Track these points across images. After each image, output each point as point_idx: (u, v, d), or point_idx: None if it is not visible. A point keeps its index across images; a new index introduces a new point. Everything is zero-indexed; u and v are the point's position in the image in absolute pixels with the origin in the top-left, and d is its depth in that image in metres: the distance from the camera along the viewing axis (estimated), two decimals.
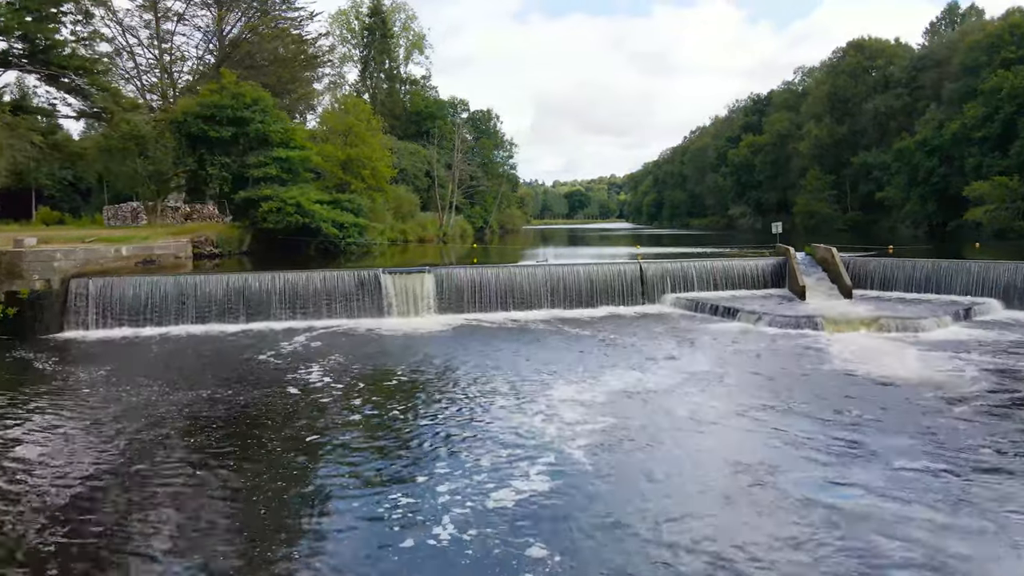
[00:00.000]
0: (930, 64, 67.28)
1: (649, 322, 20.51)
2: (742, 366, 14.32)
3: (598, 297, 23.35)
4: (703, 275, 24.47)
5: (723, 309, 20.95)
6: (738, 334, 18.19)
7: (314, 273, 21.46)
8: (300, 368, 14.57)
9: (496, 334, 19.03)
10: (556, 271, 23.27)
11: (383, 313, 21.51)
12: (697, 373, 13.60)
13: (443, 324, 20.59)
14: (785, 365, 14.44)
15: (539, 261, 25.46)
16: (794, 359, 14.98)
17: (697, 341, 17.18)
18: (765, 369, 14.11)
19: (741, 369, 14.04)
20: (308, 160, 34.19)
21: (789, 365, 14.42)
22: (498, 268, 23.11)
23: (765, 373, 13.67)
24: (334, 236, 32.56)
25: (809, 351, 15.83)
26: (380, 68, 77.03)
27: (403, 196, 50.73)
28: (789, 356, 15.32)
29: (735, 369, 14.01)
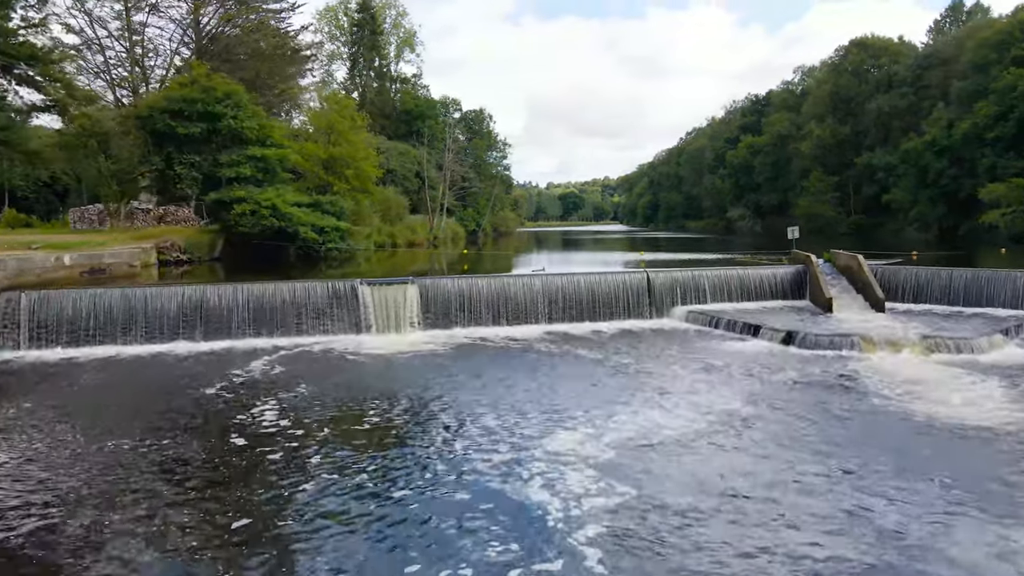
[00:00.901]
0: (936, 62, 65.35)
1: (659, 340, 18.18)
2: (777, 403, 11.98)
3: (601, 310, 21.03)
4: (716, 285, 22.16)
5: (743, 325, 18.64)
6: (763, 356, 15.88)
7: (282, 284, 19.05)
8: (253, 405, 12.15)
9: (487, 355, 16.67)
10: (554, 281, 20.93)
11: (360, 329, 19.12)
12: (724, 414, 11.25)
13: (428, 342, 18.23)
14: (828, 401, 12.11)
15: (535, 270, 23.14)
16: (837, 393, 12.66)
17: (717, 366, 14.85)
18: (805, 407, 11.78)
19: (776, 408, 11.70)
20: (286, 159, 31.77)
21: (833, 401, 12.09)
22: (490, 278, 20.74)
23: (807, 414, 11.33)
24: (313, 241, 30.16)
25: (852, 380, 13.52)
26: (369, 66, 74.66)
27: (391, 198, 48.35)
28: (830, 388, 12.99)
29: (769, 408, 11.66)
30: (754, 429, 10.45)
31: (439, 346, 17.75)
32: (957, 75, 59.00)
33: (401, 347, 17.67)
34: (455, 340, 18.50)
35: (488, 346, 17.78)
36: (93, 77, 38.67)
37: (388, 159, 54.48)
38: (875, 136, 69.51)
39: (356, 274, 28.69)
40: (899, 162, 60.28)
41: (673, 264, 28.84)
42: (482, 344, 18.00)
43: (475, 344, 18.01)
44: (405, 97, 74.59)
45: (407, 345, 17.91)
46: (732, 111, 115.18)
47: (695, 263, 28.46)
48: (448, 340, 18.49)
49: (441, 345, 17.84)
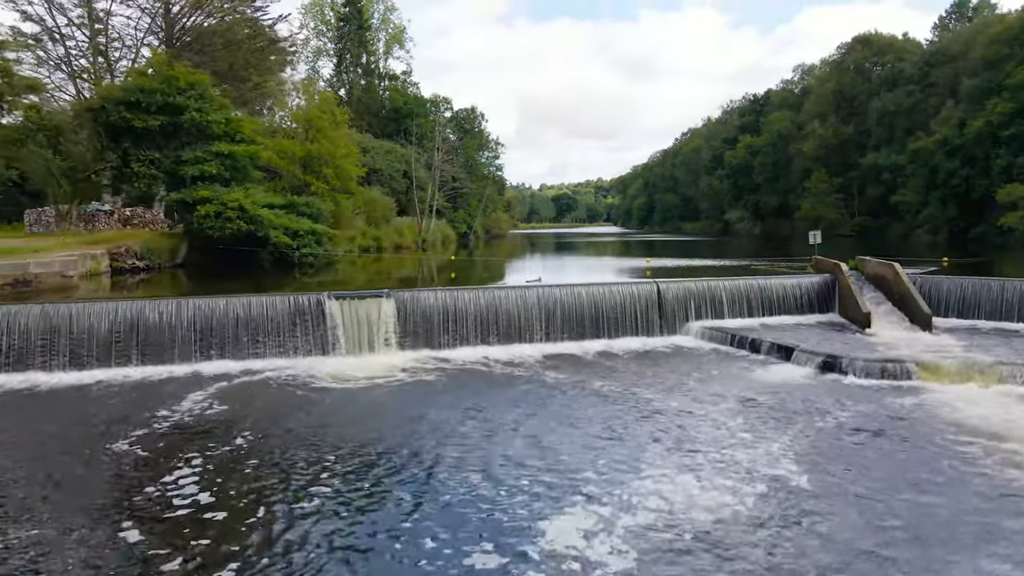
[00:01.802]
0: (943, 59, 63.18)
1: (674, 363, 15.59)
2: (834, 462, 9.35)
3: (605, 326, 18.43)
4: (734, 297, 19.58)
5: (770, 346, 16.06)
6: (801, 387, 13.31)
7: (235, 299, 16.34)
8: (169, 469, 9.46)
9: (472, 384, 14.04)
10: (552, 294, 18.31)
11: (327, 350, 16.46)
12: (771, 481, 8.62)
13: (405, 366, 15.59)
14: (898, 458, 9.52)
15: (530, 281, 20.51)
16: (906, 444, 10.07)
17: (749, 403, 12.24)
18: (872, 463, 9.20)
19: (835, 470, 9.06)
20: (257, 156, 29.06)
21: (904, 456, 9.51)
22: (478, 290, 18.09)
23: (877, 482, 8.72)
24: (285, 246, 27.44)
25: (919, 422, 10.95)
26: (356, 62, 71.97)
27: (377, 199, 45.65)
28: (895, 436, 10.40)
29: (826, 471, 9.02)
30: (814, 508, 7.82)
31: (417, 372, 15.10)
32: (967, 72, 56.84)
33: (373, 372, 15.02)
34: (436, 364, 15.86)
35: (475, 372, 15.14)
36: (53, 68, 35.89)
37: (374, 158, 51.80)
38: (880, 135, 67.28)
39: (334, 283, 26.08)
40: (907, 162, 58.03)
41: (683, 272, 26.27)
42: (468, 369, 15.36)
43: (460, 369, 15.37)
44: (394, 95, 71.87)
45: (380, 370, 15.26)
46: (729, 111, 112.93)
47: (707, 271, 25.90)
48: (428, 364, 15.85)
49: (419, 370, 15.19)
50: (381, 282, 26.15)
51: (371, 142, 54.47)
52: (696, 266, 28.53)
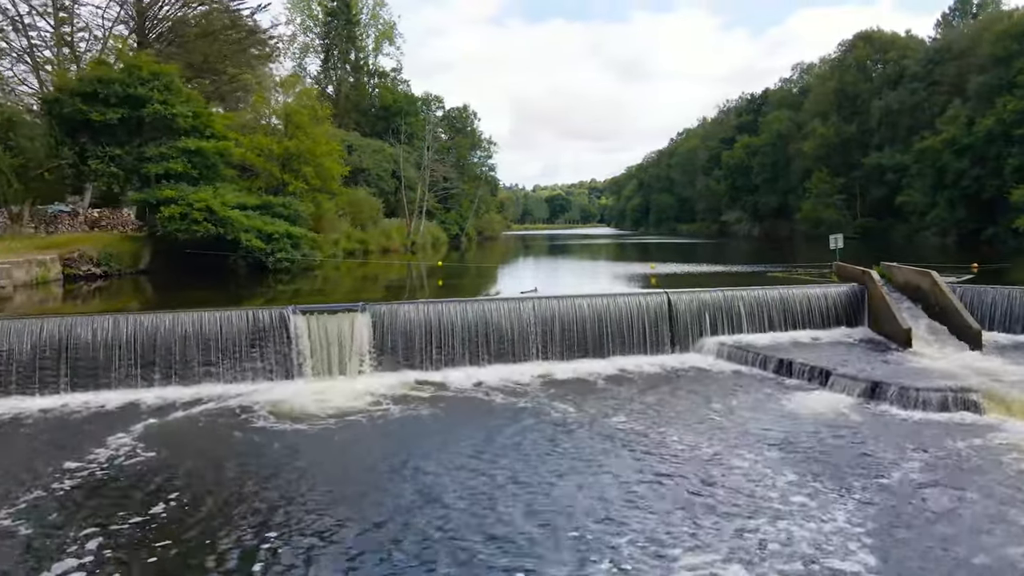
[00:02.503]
0: (948, 57, 61.31)
1: (693, 390, 13.47)
2: (921, 535, 7.27)
3: (609, 343, 16.31)
4: (753, 309, 17.48)
5: (803, 369, 13.96)
6: (847, 423, 11.23)
7: (185, 315, 14.13)
8: (67, 538, 7.27)
9: (462, 419, 11.88)
10: (550, 306, 16.17)
11: (291, 373, 14.28)
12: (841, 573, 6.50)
13: (381, 393, 13.43)
14: (992, 526, 7.43)
15: (525, 292, 18.35)
16: (1007, 506, 7.97)
17: (791, 446, 10.14)
18: (968, 543, 7.11)
19: (922, 545, 7.00)
20: (228, 153, 26.80)
21: (1003, 535, 7.41)
22: (466, 303, 15.92)
23: (984, 564, 6.62)
24: (258, 250, 25.20)
25: (1009, 477, 8.85)
26: (344, 59, 69.63)
27: (362, 200, 43.42)
28: (981, 493, 8.31)
29: (913, 545, 6.96)
30: None
31: (395, 402, 12.93)
32: (973, 69, 54.94)
33: (343, 402, 12.85)
34: (418, 390, 13.70)
35: (464, 401, 12.98)
36: (16, 60, 33.53)
37: (361, 157, 49.57)
38: (883, 135, 65.35)
39: (311, 291, 23.90)
40: (913, 162, 56.08)
41: (692, 280, 24.14)
42: (456, 398, 13.20)
43: (446, 397, 13.21)
44: (383, 92, 69.51)
45: (351, 398, 13.09)
46: (726, 110, 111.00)
47: (719, 279, 23.74)
48: (409, 390, 13.69)
49: (398, 399, 13.03)
50: (364, 290, 24.01)
51: (358, 140, 52.24)
52: (705, 272, 26.40)
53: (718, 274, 25.40)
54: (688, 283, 22.30)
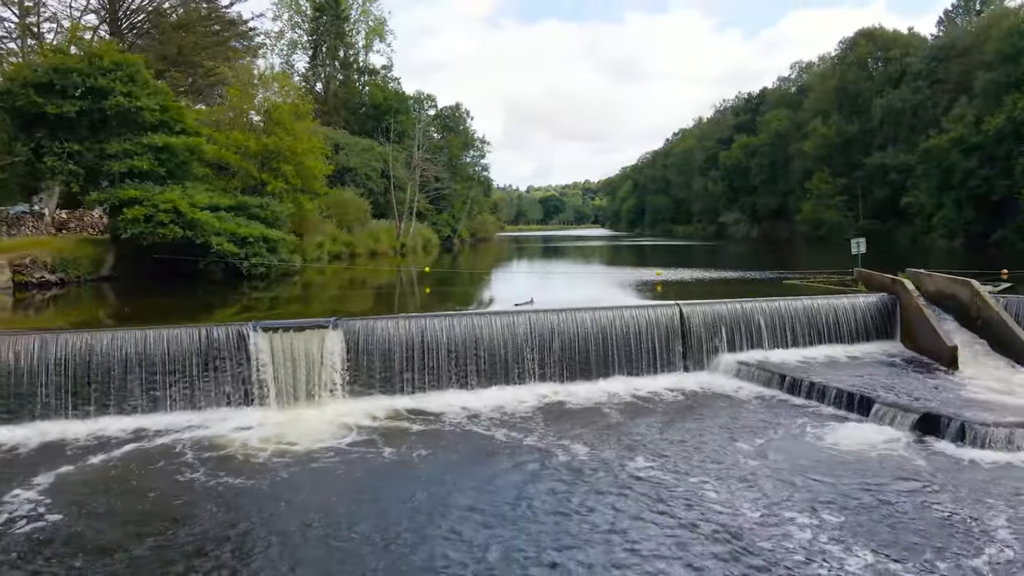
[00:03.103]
0: (953, 54, 59.88)
1: (712, 419, 11.66)
2: None
3: (615, 361, 14.48)
4: (774, 322, 15.68)
5: (841, 395, 12.14)
6: (899, 464, 9.47)
7: (126, 333, 12.21)
8: None
9: (451, 458, 10.02)
10: (548, 320, 14.32)
11: (251, 399, 12.39)
12: None
13: (354, 423, 11.57)
14: None
15: (520, 303, 16.46)
16: None
17: (841, 498, 8.32)
18: None
19: None
20: (199, 149, 24.83)
21: None
22: (452, 317, 14.04)
23: None
24: (231, 255, 23.25)
25: None
26: (333, 55, 67.66)
27: (349, 200, 41.45)
28: None
29: None
30: None
31: (371, 434, 11.08)
32: (980, 67, 53.48)
33: (309, 436, 10.99)
34: (398, 420, 11.85)
35: (452, 435, 11.11)
36: None
37: (348, 156, 47.62)
38: (886, 134, 63.87)
39: (288, 299, 22.03)
40: (918, 162, 54.55)
41: (700, 287, 22.31)
42: (441, 430, 11.32)
43: (430, 430, 11.34)
44: (373, 90, 67.53)
45: (319, 431, 11.24)
46: (722, 110, 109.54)
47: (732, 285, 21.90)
48: (387, 420, 11.84)
49: (374, 432, 11.18)
50: (344, 297, 22.12)
51: (346, 139, 50.28)
52: (714, 279, 24.52)
53: (729, 281, 23.57)
54: (698, 292, 20.51)
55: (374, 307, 19.93)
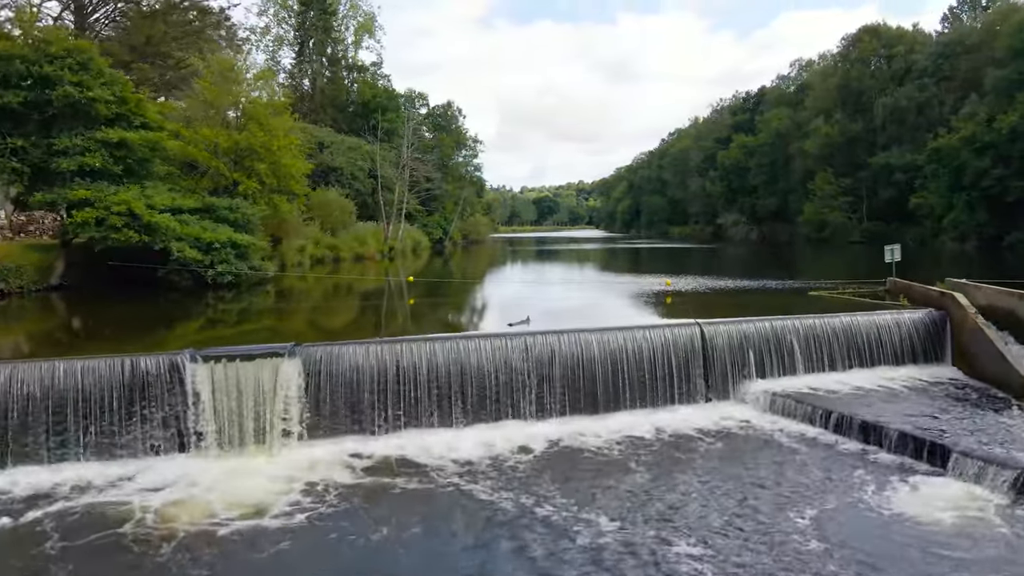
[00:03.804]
0: (960, 51, 58.04)
1: (745, 468, 9.54)
2: None
3: (626, 392, 12.34)
4: (809, 342, 13.56)
5: (904, 441, 9.98)
6: (1005, 542, 7.27)
7: (27, 365, 9.95)
8: None
9: (435, 526, 7.84)
10: (546, 344, 12.14)
11: (185, 446, 10.20)
12: None
13: (307, 478, 9.44)
14: None
15: (515, 323, 14.21)
16: None
17: None
18: None
19: None
20: (161, 146, 22.55)
21: None
22: (434, 342, 11.81)
23: None
24: (194, 262, 20.98)
25: None
26: (320, 51, 65.33)
27: (333, 201, 39.19)
28: None
29: None
30: None
31: (327, 492, 8.95)
32: (989, 64, 51.68)
33: (254, 494, 8.85)
34: (367, 472, 9.66)
35: (428, 494, 8.92)
36: None
37: (333, 155, 45.35)
38: (890, 133, 61.97)
39: (260, 312, 19.91)
40: (927, 162, 52.61)
41: (716, 299, 20.08)
42: (416, 490, 9.13)
43: (402, 488, 9.14)
44: (362, 87, 65.21)
45: (267, 488, 9.09)
46: (719, 109, 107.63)
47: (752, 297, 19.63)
48: (350, 471, 9.68)
49: (338, 489, 9.06)
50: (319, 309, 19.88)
51: (331, 136, 47.99)
52: (728, 288, 22.26)
53: (746, 291, 21.29)
54: (714, 305, 18.32)
55: (349, 322, 17.72)
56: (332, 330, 16.01)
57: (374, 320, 17.85)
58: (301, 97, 67.13)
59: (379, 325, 16.58)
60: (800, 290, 20.03)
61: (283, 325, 16.77)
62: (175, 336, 14.64)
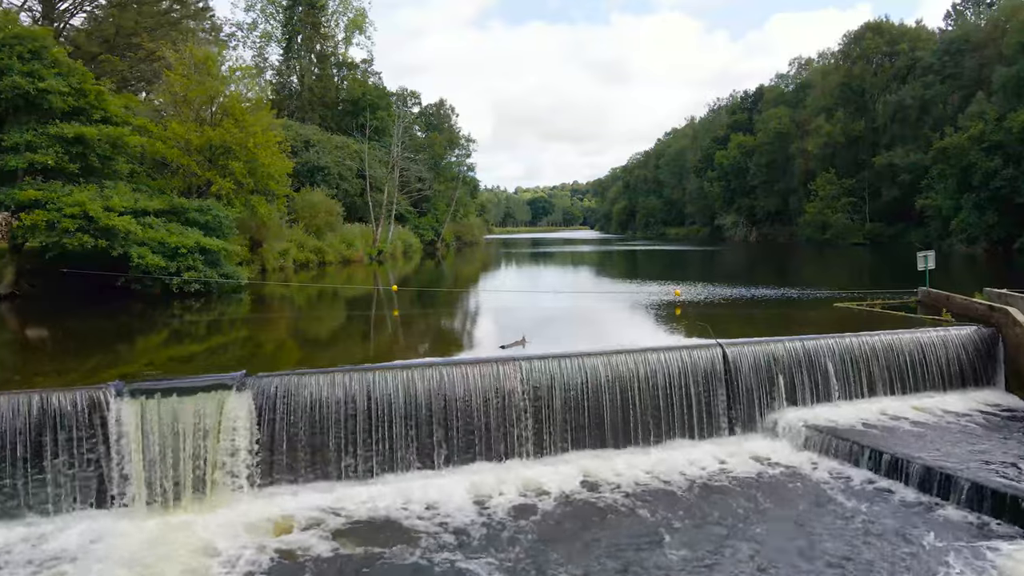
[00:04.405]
0: (967, 48, 56.57)
1: (786, 526, 7.80)
2: None
3: (638, 424, 10.62)
4: (846, 363, 11.84)
5: (982, 494, 8.26)
6: None
7: None
8: None
9: None
10: (545, 370, 10.38)
11: (107, 501, 8.43)
12: None
13: (260, 539, 7.65)
14: None
15: (508, 344, 12.38)
16: None
17: None
18: None
19: None
20: (123, 142, 20.68)
21: None
22: (411, 369, 10.01)
23: None
24: (157, 269, 19.14)
25: None
26: (309, 47, 63.47)
27: (318, 203, 37.36)
28: None
29: None
30: None
31: (286, 560, 7.12)
32: (997, 61, 50.19)
33: (186, 567, 7.02)
34: (324, 537, 7.87)
35: (403, 570, 7.13)
36: None
37: (319, 154, 43.51)
38: (894, 132, 60.46)
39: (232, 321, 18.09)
40: (933, 161, 51.05)
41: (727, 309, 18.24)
42: (391, 563, 7.33)
43: (383, 555, 7.36)
44: (352, 84, 63.36)
45: (203, 562, 7.25)
46: (716, 109, 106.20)
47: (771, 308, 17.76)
48: (311, 532, 7.88)
49: (293, 554, 7.25)
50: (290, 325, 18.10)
51: (317, 134, 46.17)
52: (742, 299, 20.34)
53: (762, 302, 19.31)
54: (729, 319, 16.55)
55: (323, 338, 15.90)
56: (305, 348, 14.19)
57: (352, 337, 16.02)
58: (290, 95, 65.42)
59: (357, 344, 14.78)
60: (821, 300, 18.28)
61: (247, 342, 14.93)
62: (120, 357, 12.80)
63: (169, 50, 25.66)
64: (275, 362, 11.36)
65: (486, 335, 14.56)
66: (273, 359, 12.79)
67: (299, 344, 14.46)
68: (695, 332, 13.36)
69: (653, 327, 15.74)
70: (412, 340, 14.75)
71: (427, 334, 15.75)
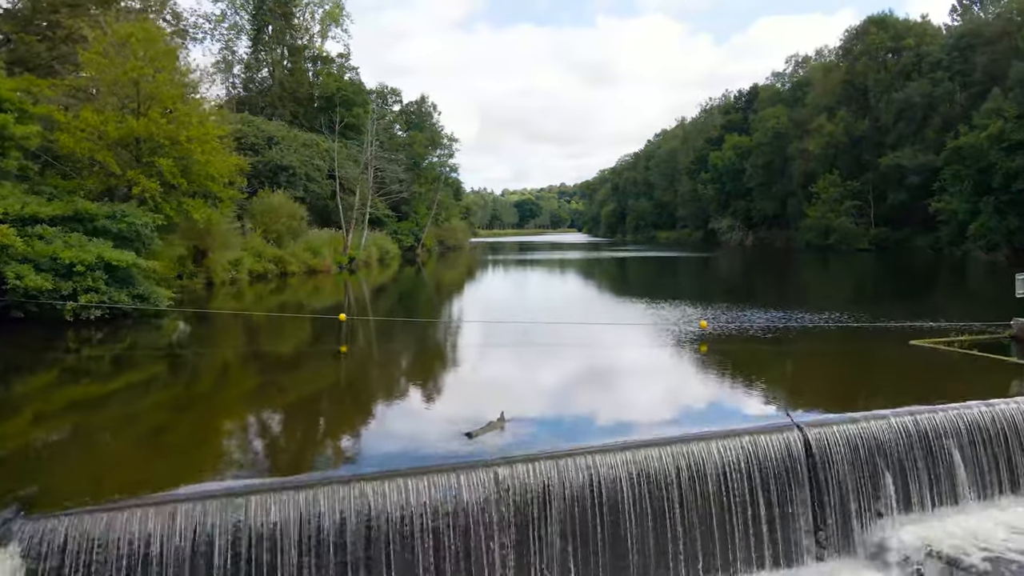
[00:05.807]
0: (978, 42, 53.41)
1: None
2: None
3: (676, 546, 6.77)
4: (977, 448, 8.09)
5: None
6: None
7: None
8: None
9: None
10: (537, 476, 6.54)
11: None
12: None
13: None
14: None
15: (479, 430, 8.19)
16: None
17: None
18: None
19: None
20: (8, 132, 16.68)
21: None
22: (314, 488, 6.10)
23: None
24: (39, 291, 15.14)
25: None
26: (279, 39, 59.40)
27: (278, 206, 33.37)
28: None
29: None
30: None
31: None
32: (1013, 55, 47.02)
33: None
34: None
35: None
36: None
37: (284, 152, 39.50)
38: (900, 131, 57.21)
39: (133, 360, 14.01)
40: (945, 162, 47.79)
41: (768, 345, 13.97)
42: None
43: None
44: (326, 79, 59.29)
45: None
46: (708, 109, 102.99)
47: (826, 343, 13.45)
48: None
49: None
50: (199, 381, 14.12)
51: (282, 131, 42.13)
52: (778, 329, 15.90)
53: (811, 335, 14.92)
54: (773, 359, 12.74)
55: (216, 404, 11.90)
56: (169, 432, 10.17)
57: (261, 401, 11.62)
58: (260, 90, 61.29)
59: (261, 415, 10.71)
60: (888, 331, 14.41)
61: (96, 407, 10.89)
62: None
63: (87, 25, 21.61)
64: (100, 465, 6.86)
65: (448, 405, 9.98)
66: (101, 459, 7.62)
67: (172, 414, 10.07)
68: (747, 393, 9.55)
69: (681, 384, 11.21)
70: (344, 411, 10.29)
71: (369, 397, 11.31)
